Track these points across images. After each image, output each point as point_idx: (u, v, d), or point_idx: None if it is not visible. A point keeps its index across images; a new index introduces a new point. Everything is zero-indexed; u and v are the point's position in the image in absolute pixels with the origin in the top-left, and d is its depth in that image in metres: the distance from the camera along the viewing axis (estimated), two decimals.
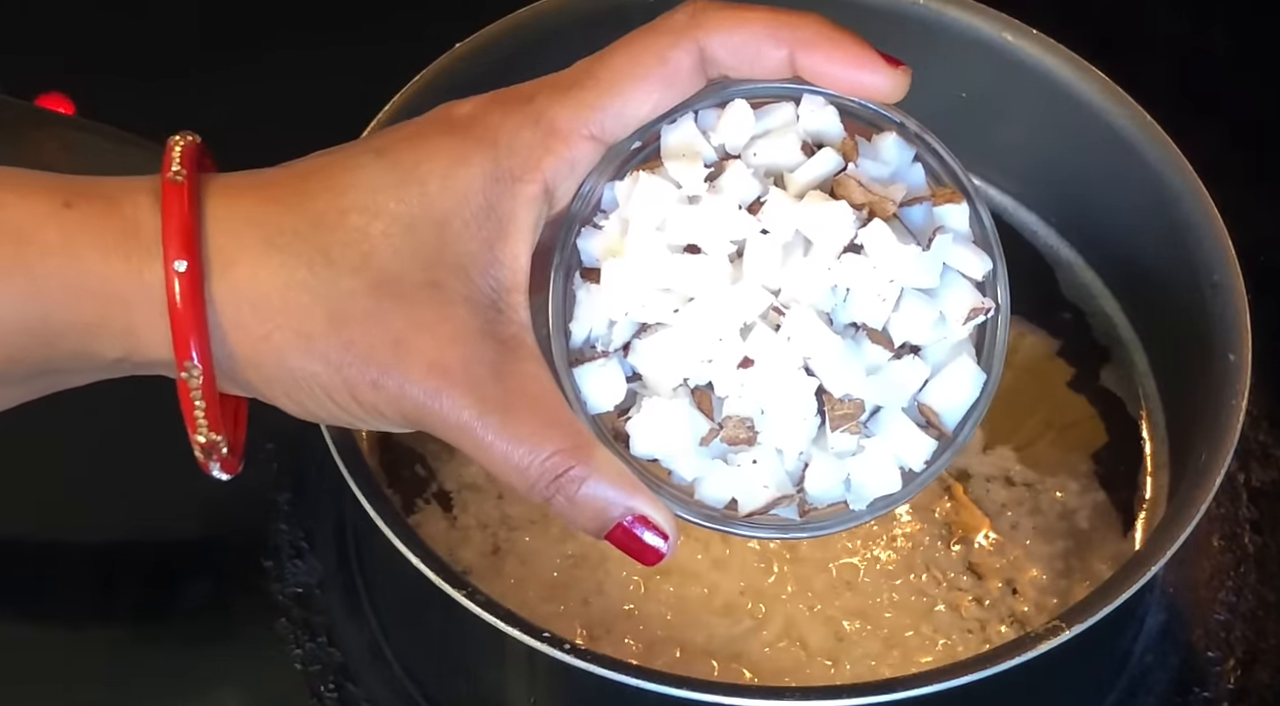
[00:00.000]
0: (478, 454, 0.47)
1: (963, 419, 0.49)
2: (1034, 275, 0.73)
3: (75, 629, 0.68)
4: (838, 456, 0.48)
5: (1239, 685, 0.66)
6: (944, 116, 0.75)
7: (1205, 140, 0.67)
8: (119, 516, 0.70)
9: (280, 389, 0.47)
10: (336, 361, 0.46)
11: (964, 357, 0.48)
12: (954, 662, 0.53)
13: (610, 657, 0.53)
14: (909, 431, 0.48)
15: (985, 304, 0.48)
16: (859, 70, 0.48)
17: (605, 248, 0.48)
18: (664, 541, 0.47)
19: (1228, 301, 0.62)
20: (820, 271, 0.47)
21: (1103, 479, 0.67)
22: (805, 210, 0.47)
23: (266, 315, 0.46)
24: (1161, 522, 0.59)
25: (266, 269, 0.46)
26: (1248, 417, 0.59)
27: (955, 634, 0.62)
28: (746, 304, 0.47)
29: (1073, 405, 0.69)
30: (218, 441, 0.48)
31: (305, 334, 0.46)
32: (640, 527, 0.47)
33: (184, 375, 0.46)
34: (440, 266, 0.46)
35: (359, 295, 0.46)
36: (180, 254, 0.45)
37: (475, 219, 0.47)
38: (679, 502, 0.48)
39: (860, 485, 0.48)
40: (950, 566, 0.64)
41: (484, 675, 0.63)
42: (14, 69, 0.77)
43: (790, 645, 0.62)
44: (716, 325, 0.47)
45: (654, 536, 0.47)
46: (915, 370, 0.48)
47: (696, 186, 0.48)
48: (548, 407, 0.47)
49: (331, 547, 0.68)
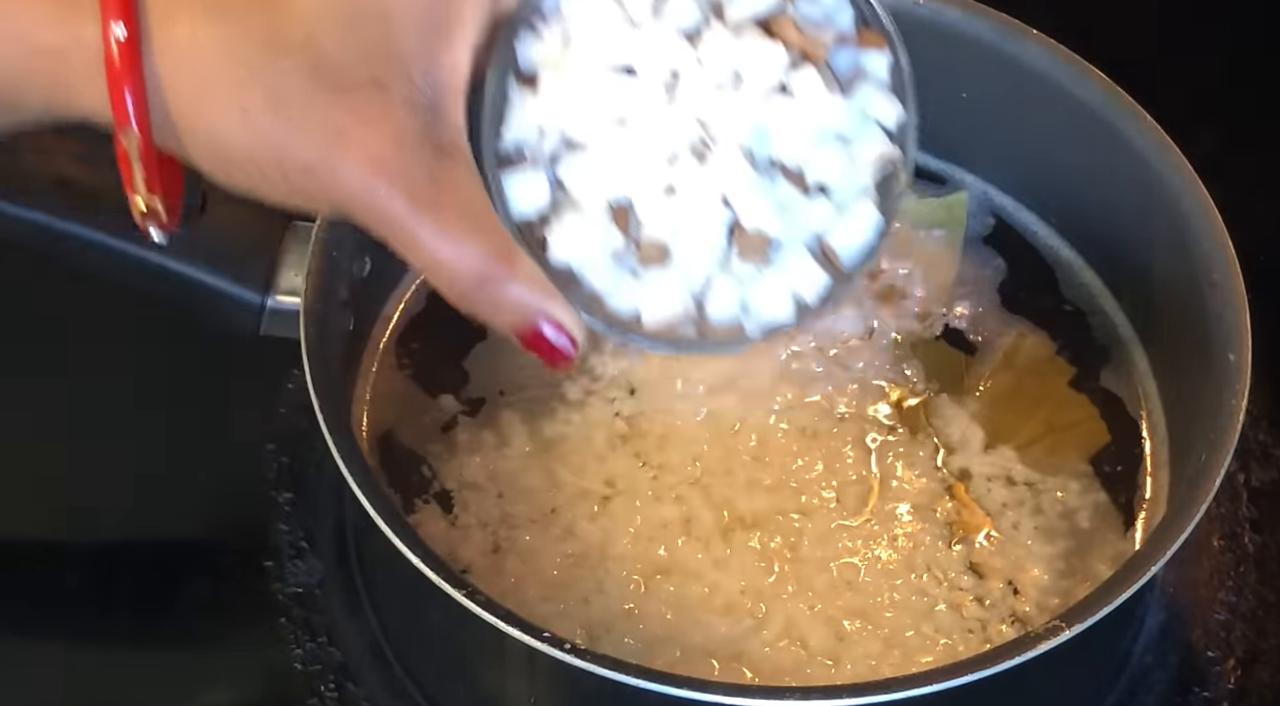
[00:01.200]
0: (407, 249, 0.48)
1: (858, 260, 0.51)
2: (1034, 275, 0.73)
3: (76, 629, 0.68)
4: (739, 282, 0.50)
5: (1239, 685, 0.66)
6: (944, 116, 0.75)
7: (1205, 140, 0.67)
8: (119, 516, 0.70)
9: (210, 156, 0.47)
10: (274, 140, 0.46)
11: (867, 202, 0.51)
12: (954, 662, 0.53)
13: (610, 657, 0.53)
14: (808, 266, 0.50)
15: (894, 153, 0.51)
16: None
17: (544, 59, 0.49)
18: (571, 344, 0.49)
19: (1228, 301, 0.62)
20: (749, 109, 0.49)
21: (1103, 479, 0.67)
22: (742, 46, 0.48)
23: (204, 84, 0.46)
24: (1161, 523, 0.59)
25: (208, 38, 0.46)
26: (1248, 417, 0.59)
27: (956, 633, 0.62)
28: (675, 132, 0.49)
29: (1073, 405, 0.69)
30: (155, 205, 0.48)
31: (242, 107, 0.46)
32: (553, 330, 0.49)
33: (122, 139, 0.46)
34: (383, 63, 0.46)
35: (299, 77, 0.46)
36: (118, 15, 0.45)
37: (419, 16, 0.47)
38: (587, 310, 0.50)
39: (757, 311, 0.51)
40: (951, 566, 0.64)
41: (484, 675, 0.63)
42: None
43: (791, 645, 0.62)
44: (644, 149, 0.49)
45: (563, 338, 0.49)
46: (822, 210, 0.50)
47: (639, 9, 0.49)
48: (477, 213, 0.48)
49: (331, 547, 0.68)
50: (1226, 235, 0.63)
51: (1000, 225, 0.75)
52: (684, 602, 0.63)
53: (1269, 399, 0.72)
